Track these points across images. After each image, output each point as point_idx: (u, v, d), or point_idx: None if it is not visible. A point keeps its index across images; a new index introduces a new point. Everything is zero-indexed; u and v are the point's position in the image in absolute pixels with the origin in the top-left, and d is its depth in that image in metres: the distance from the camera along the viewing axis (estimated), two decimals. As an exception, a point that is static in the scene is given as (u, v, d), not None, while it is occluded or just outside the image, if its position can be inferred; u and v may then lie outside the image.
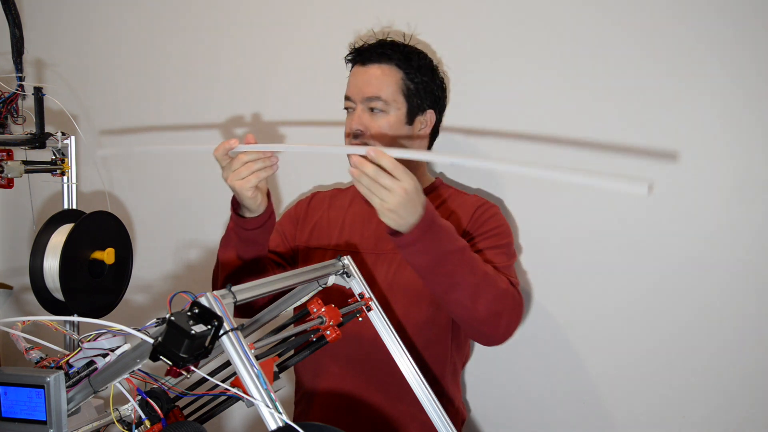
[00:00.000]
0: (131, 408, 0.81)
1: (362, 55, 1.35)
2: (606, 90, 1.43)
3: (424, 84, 1.34)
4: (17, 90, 1.34)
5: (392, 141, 1.31)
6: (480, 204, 1.35)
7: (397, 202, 1.01)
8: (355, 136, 1.31)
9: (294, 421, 0.70)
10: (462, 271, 1.10)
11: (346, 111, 1.36)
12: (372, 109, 1.31)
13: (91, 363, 0.80)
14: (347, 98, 1.34)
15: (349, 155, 1.06)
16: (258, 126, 1.82)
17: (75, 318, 1.28)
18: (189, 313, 0.74)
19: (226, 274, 1.26)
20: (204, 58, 1.87)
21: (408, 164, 1.03)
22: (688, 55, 1.35)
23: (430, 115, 1.37)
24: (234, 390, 0.76)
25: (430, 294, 1.22)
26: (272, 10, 1.78)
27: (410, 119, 1.34)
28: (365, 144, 1.28)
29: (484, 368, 1.58)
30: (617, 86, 1.41)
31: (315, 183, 1.74)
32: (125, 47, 1.98)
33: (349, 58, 1.37)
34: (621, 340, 1.45)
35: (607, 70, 1.42)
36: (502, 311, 1.17)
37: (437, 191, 1.40)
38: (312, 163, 1.73)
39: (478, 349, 1.56)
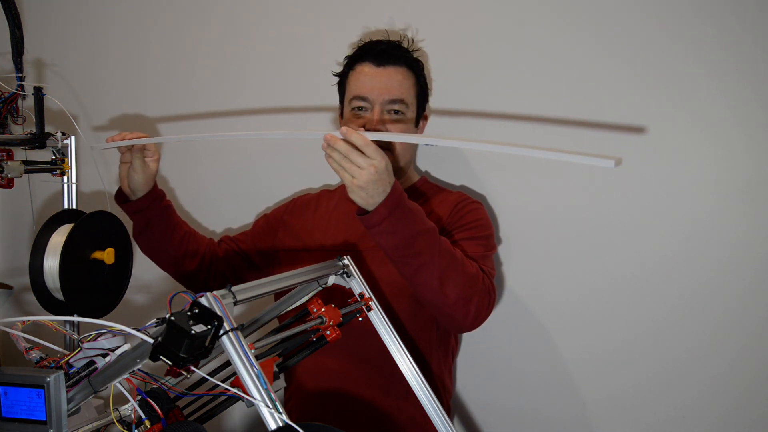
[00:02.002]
0: (131, 408, 0.82)
1: (379, 56, 1.33)
2: (592, 81, 1.43)
3: (426, 86, 1.40)
4: (17, 90, 1.34)
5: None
6: (462, 199, 1.37)
7: (366, 180, 1.01)
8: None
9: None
10: (429, 252, 1.09)
11: (357, 110, 1.34)
12: (393, 111, 1.33)
13: (91, 363, 0.80)
14: (362, 98, 1.33)
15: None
16: (258, 124, 1.82)
17: (75, 318, 1.28)
18: (189, 313, 0.74)
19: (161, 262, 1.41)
20: (205, 57, 1.87)
21: (397, 160, 1.02)
22: (675, 56, 1.36)
23: (427, 112, 1.43)
24: (234, 390, 0.76)
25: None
26: (275, 10, 1.78)
27: (416, 121, 1.39)
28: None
29: (471, 360, 1.58)
30: (605, 77, 1.42)
31: (303, 185, 1.74)
32: (126, 47, 1.98)
33: (362, 56, 1.35)
34: (603, 332, 1.47)
35: (594, 65, 1.43)
36: (472, 296, 1.15)
37: (421, 188, 1.42)
38: (301, 163, 1.73)
39: (465, 342, 1.57)
